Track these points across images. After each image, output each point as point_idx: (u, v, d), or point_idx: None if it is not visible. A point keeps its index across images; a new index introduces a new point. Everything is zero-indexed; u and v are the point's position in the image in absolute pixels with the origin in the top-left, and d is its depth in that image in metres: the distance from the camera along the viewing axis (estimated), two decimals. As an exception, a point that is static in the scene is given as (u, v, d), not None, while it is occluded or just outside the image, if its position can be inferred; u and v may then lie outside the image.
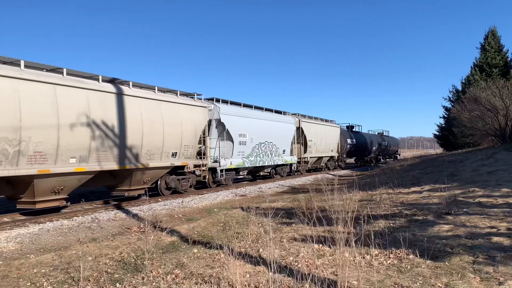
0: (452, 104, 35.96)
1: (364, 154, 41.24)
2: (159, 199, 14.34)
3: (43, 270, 6.01)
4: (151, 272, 5.66)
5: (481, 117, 24.45)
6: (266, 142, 21.23)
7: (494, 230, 6.85)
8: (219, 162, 17.32)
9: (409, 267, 5.38)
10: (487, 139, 27.20)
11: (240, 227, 8.52)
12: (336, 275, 5.11)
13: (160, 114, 14.02)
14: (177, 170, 15.41)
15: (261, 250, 6.57)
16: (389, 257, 5.85)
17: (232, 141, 18.21)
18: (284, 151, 23.40)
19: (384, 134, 52.10)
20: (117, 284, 5.29)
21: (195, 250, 6.90)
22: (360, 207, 9.17)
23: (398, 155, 57.34)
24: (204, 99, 17.76)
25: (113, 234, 8.73)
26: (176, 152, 14.78)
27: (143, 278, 5.46)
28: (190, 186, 16.21)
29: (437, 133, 42.17)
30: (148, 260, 6.13)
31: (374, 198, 11.80)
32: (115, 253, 6.90)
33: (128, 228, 9.22)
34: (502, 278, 4.72)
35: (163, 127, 14.00)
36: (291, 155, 24.55)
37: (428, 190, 12.16)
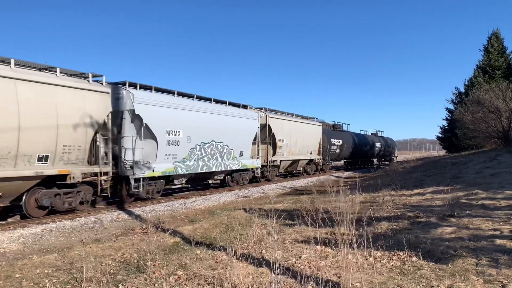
0: (455, 106, 35.87)
1: (353, 156, 37.20)
2: (162, 200, 14.36)
3: (46, 271, 6.02)
4: (154, 273, 5.66)
5: (484, 119, 24.40)
6: (214, 142, 16.93)
7: (497, 232, 6.83)
8: (133, 169, 13.08)
9: (412, 269, 5.37)
10: (490, 141, 27.14)
11: (242, 228, 8.53)
12: (339, 277, 5.11)
13: (14, 99, 9.64)
14: (56, 181, 11.05)
15: (264, 251, 6.57)
16: (392, 259, 5.84)
17: (156, 141, 13.96)
18: (241, 153, 18.97)
19: (379, 134, 48.55)
20: (120, 285, 5.30)
21: (198, 251, 6.90)
22: (362, 209, 9.16)
23: (394, 158, 53.16)
24: (110, 82, 13.27)
25: (116, 235, 8.75)
26: (47, 156, 10.43)
27: (145, 279, 5.47)
28: (82, 203, 11.86)
29: (440, 135, 42.02)
30: (151, 261, 6.15)
31: (377, 200, 11.78)
32: (117, 254, 6.91)
33: (131, 229, 9.24)
34: (506, 281, 4.71)
35: (18, 118, 9.67)
36: (255, 157, 20.47)
37: (431, 192, 12.13)
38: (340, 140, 32.79)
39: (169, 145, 14.44)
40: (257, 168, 20.73)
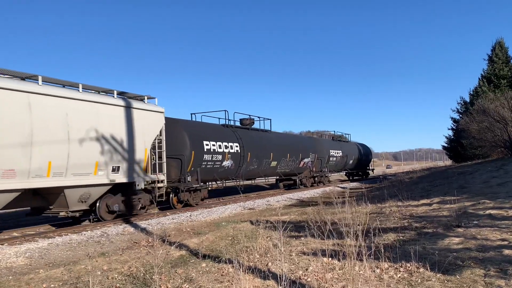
0: (461, 115, 35.82)
1: (274, 171, 22.94)
2: (167, 213, 14.36)
3: (52, 285, 6.03)
4: (160, 286, 5.65)
5: (490, 129, 24.31)
6: None
7: (505, 242, 6.77)
8: None
9: (419, 281, 5.33)
10: (497, 151, 27.00)
11: (248, 240, 8.50)
12: (346, 289, 5.07)
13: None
14: None
15: (270, 264, 6.54)
16: (399, 271, 5.80)
17: None
18: None
19: (344, 139, 36.37)
20: (126, 299, 5.29)
21: (204, 264, 6.89)
22: (369, 220, 9.11)
23: (369, 172, 41.72)
24: None
25: (122, 248, 8.75)
26: None
27: (152, 293, 5.46)
28: None
29: (446, 144, 41.88)
30: (157, 274, 6.13)
31: (383, 211, 11.72)
32: (124, 268, 6.91)
33: (137, 243, 9.24)
34: (515, 292, 4.66)
35: None
36: None
37: (437, 203, 12.06)
38: (236, 145, 18.77)
39: None
40: None
